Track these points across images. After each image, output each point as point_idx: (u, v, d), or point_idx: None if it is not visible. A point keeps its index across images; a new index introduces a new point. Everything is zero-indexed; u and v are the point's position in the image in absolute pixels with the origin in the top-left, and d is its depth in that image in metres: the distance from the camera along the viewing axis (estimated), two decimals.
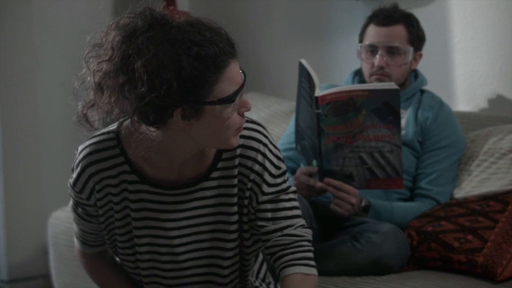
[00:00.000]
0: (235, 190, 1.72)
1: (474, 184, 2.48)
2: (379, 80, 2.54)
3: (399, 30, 2.56)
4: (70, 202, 1.81)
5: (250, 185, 1.71)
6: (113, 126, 1.71)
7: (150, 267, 1.79)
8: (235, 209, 1.73)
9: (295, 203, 1.76)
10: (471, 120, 2.73)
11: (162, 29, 1.53)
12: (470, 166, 2.54)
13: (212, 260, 1.78)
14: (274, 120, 3.09)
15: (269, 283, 2.00)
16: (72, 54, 3.48)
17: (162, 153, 1.64)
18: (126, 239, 1.78)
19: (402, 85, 2.58)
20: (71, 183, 1.75)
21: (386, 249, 2.22)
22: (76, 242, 1.91)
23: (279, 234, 1.72)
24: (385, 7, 2.62)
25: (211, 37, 1.53)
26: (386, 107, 2.24)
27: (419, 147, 2.55)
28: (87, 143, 1.72)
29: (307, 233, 1.75)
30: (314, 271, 1.72)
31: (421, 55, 2.65)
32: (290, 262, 1.70)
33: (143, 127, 1.58)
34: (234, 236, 1.75)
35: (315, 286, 1.72)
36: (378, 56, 2.55)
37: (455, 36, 2.97)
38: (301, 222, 1.75)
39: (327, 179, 2.31)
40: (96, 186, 1.72)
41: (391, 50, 2.55)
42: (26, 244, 3.60)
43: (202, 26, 1.54)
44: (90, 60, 1.57)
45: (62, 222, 2.90)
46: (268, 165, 1.71)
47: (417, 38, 2.60)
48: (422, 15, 2.69)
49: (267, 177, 1.71)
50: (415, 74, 2.67)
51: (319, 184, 2.33)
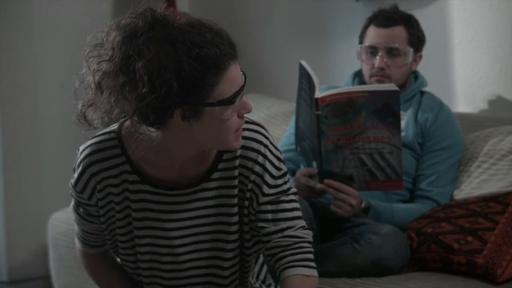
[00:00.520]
0: (236, 191, 1.72)
1: (474, 185, 2.48)
2: (379, 81, 2.54)
3: (399, 31, 2.56)
4: (71, 203, 1.81)
5: (250, 186, 1.71)
6: (114, 126, 1.71)
7: (151, 268, 1.79)
8: (236, 210, 1.73)
9: (296, 205, 1.76)
10: (471, 121, 2.72)
11: (163, 29, 1.52)
12: (470, 168, 2.53)
13: (212, 261, 1.78)
14: (274, 121, 3.09)
15: (269, 285, 1.99)
16: (72, 54, 3.48)
17: (163, 153, 1.64)
18: (127, 239, 1.78)
19: (402, 86, 2.58)
20: (73, 183, 1.75)
21: (386, 250, 2.22)
22: (77, 242, 1.91)
23: (280, 235, 1.72)
24: (385, 8, 2.62)
25: (212, 38, 1.53)
26: (386, 109, 2.24)
27: (419, 149, 2.55)
28: (88, 143, 1.71)
29: (308, 234, 1.75)
30: (314, 273, 1.72)
31: (421, 56, 2.65)
32: (290, 264, 1.70)
33: (143, 128, 1.58)
34: (235, 237, 1.75)
35: (315, 287, 1.73)
36: (378, 57, 2.55)
37: (455, 37, 2.97)
38: (301, 223, 1.75)
39: (327, 181, 2.31)
40: (97, 186, 1.72)
41: (391, 52, 2.55)
42: (26, 245, 3.60)
43: (203, 27, 1.54)
44: (91, 59, 1.57)
45: (62, 223, 2.89)
46: (268, 166, 1.71)
47: (417, 39, 2.60)
48: (422, 16, 2.69)
49: (268, 178, 1.71)
50: (415, 75, 2.67)
51: (319, 185, 2.33)
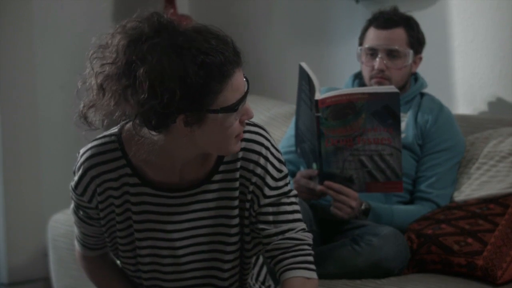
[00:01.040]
0: (237, 193, 1.72)
1: (474, 187, 2.48)
2: (379, 83, 2.54)
3: (399, 33, 2.56)
4: (71, 205, 1.81)
5: (252, 188, 1.71)
6: (114, 129, 1.71)
7: (151, 270, 1.79)
8: (236, 212, 1.73)
9: (296, 207, 1.76)
10: (471, 123, 2.72)
11: (168, 36, 1.52)
12: (470, 169, 2.53)
13: (212, 262, 1.78)
14: (274, 123, 3.09)
15: (269, 286, 1.99)
16: (72, 54, 3.49)
17: (164, 156, 1.64)
18: (127, 242, 1.77)
19: (402, 88, 2.58)
20: (73, 186, 1.75)
21: (386, 252, 2.22)
22: (77, 245, 1.91)
23: (280, 237, 1.72)
24: (385, 10, 2.61)
25: (217, 45, 1.53)
26: (386, 110, 2.24)
27: (419, 150, 2.55)
28: (89, 146, 1.71)
29: (308, 236, 1.75)
30: (314, 275, 1.72)
31: (421, 58, 2.65)
32: (290, 266, 1.70)
33: (145, 131, 1.58)
34: (235, 239, 1.75)
35: None
36: (378, 59, 2.55)
37: (455, 39, 2.97)
38: (302, 225, 1.75)
39: (327, 182, 2.31)
40: (97, 188, 1.72)
41: (391, 53, 2.55)
42: (26, 246, 3.60)
43: (209, 34, 1.54)
44: (94, 61, 1.57)
45: (62, 225, 2.90)
46: (270, 168, 1.71)
47: (417, 41, 2.60)
48: (422, 18, 2.69)
49: (269, 180, 1.71)
50: (415, 77, 2.67)
51: (319, 187, 2.33)
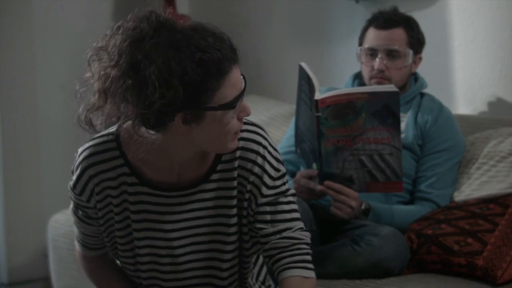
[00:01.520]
0: (235, 192, 1.72)
1: (474, 187, 2.48)
2: (379, 83, 2.54)
3: (399, 33, 2.56)
4: (71, 205, 1.81)
5: (249, 187, 1.71)
6: (112, 128, 1.71)
7: (150, 269, 1.79)
8: (234, 211, 1.73)
9: (294, 206, 1.76)
10: (471, 123, 2.72)
11: (167, 34, 1.53)
12: (470, 169, 2.53)
13: (211, 262, 1.78)
14: (274, 123, 3.09)
15: (269, 286, 1.99)
16: (72, 54, 3.49)
17: (162, 155, 1.64)
18: (126, 241, 1.78)
19: (402, 88, 2.58)
20: (71, 186, 1.75)
21: (386, 252, 2.22)
22: (76, 245, 1.91)
23: (278, 236, 1.72)
24: (384, 10, 2.62)
25: (214, 42, 1.53)
26: (386, 110, 2.24)
27: (419, 150, 2.55)
28: (87, 145, 1.71)
29: (306, 236, 1.75)
30: (312, 274, 1.72)
31: (421, 58, 2.65)
32: (288, 265, 1.70)
33: (143, 130, 1.58)
34: (233, 238, 1.75)
35: None
36: (378, 59, 2.55)
37: (455, 39, 2.97)
38: (299, 225, 1.75)
39: (327, 182, 2.31)
40: (95, 188, 1.72)
41: (391, 53, 2.55)
42: (26, 247, 3.60)
43: (206, 32, 1.54)
44: (94, 63, 1.57)
45: (62, 225, 2.90)
46: (267, 167, 1.71)
47: (417, 41, 2.60)
48: (421, 18, 2.69)
49: (267, 179, 1.71)
50: (415, 77, 2.67)
51: (319, 187, 2.32)
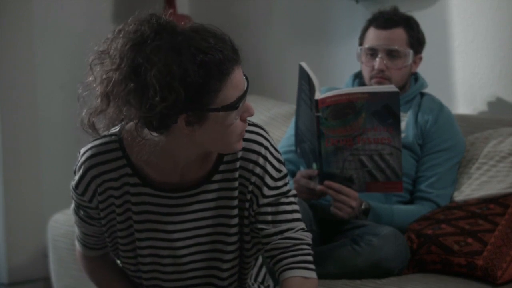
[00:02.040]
0: (236, 193, 1.72)
1: (474, 187, 2.48)
2: (379, 83, 2.54)
3: (399, 33, 2.56)
4: (72, 205, 1.81)
5: (251, 187, 1.72)
6: (115, 129, 1.71)
7: (152, 270, 1.79)
8: (236, 211, 1.73)
9: (296, 207, 1.76)
10: (471, 123, 2.72)
11: (168, 36, 1.53)
12: (470, 169, 2.53)
13: (212, 262, 1.78)
14: (274, 123, 3.09)
15: (267, 286, 1.99)
16: (72, 55, 3.49)
17: (165, 156, 1.64)
18: (127, 242, 1.78)
19: (402, 88, 2.58)
20: (73, 186, 1.75)
21: (386, 252, 2.22)
22: (77, 245, 1.91)
23: (279, 237, 1.72)
24: (385, 10, 2.61)
25: (216, 43, 1.53)
26: (386, 110, 2.24)
27: (419, 150, 2.55)
28: (89, 146, 1.71)
29: (307, 236, 1.75)
30: (313, 275, 1.72)
31: (421, 58, 2.65)
32: (289, 265, 1.70)
33: (146, 132, 1.58)
34: (234, 239, 1.75)
35: None
36: (378, 59, 2.54)
37: (455, 39, 2.97)
38: (301, 225, 1.75)
39: (327, 182, 2.31)
40: (98, 188, 1.72)
41: (391, 53, 2.55)
42: (26, 247, 3.60)
43: (207, 33, 1.54)
44: (96, 67, 1.57)
45: (62, 225, 2.90)
46: (269, 168, 1.71)
47: (417, 41, 2.60)
48: (422, 18, 2.69)
49: (268, 180, 1.71)
50: (415, 77, 2.67)
51: (319, 187, 2.32)
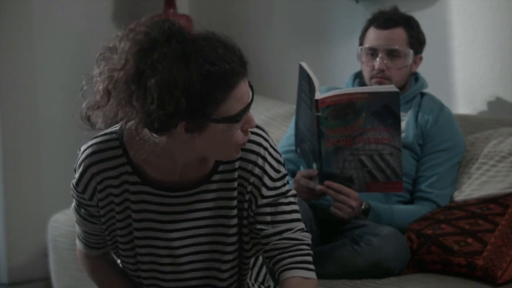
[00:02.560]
0: (235, 193, 1.72)
1: (474, 187, 2.48)
2: (380, 83, 2.54)
3: (399, 33, 2.56)
4: (73, 204, 1.81)
5: (249, 188, 1.71)
6: (116, 127, 1.71)
7: (150, 269, 1.79)
8: (235, 212, 1.73)
9: (295, 207, 1.75)
10: (471, 123, 2.72)
11: (177, 44, 1.52)
12: (470, 169, 2.53)
13: (211, 263, 1.77)
14: (274, 123, 3.09)
15: (268, 287, 1.99)
16: (72, 55, 3.48)
17: (164, 157, 1.64)
18: (127, 241, 1.77)
19: (403, 88, 2.58)
20: (74, 184, 1.75)
21: (386, 252, 2.22)
22: (78, 244, 1.90)
23: (278, 237, 1.72)
24: (385, 10, 2.61)
25: (224, 54, 1.53)
26: (386, 110, 2.24)
27: (419, 150, 2.55)
28: (90, 143, 1.71)
29: (306, 236, 1.75)
30: (313, 275, 1.72)
31: (421, 58, 2.65)
32: (289, 266, 1.70)
33: (146, 132, 1.58)
34: (234, 239, 1.75)
35: None
36: (378, 59, 2.54)
37: (455, 39, 2.97)
38: (300, 225, 1.75)
39: (327, 182, 2.31)
40: (98, 186, 1.72)
41: (391, 53, 2.55)
42: (26, 246, 3.59)
43: (217, 42, 1.54)
44: (101, 62, 1.57)
45: (62, 225, 2.90)
46: (268, 168, 1.71)
47: (417, 41, 2.60)
48: (422, 18, 2.69)
49: (267, 180, 1.71)
50: (415, 77, 2.67)
51: (319, 187, 2.32)
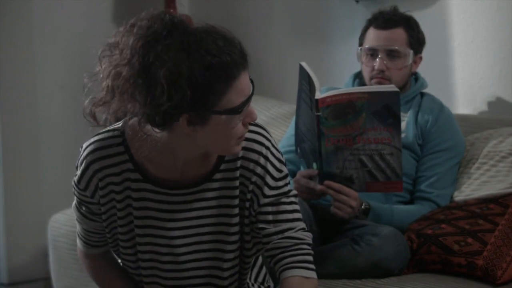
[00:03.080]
0: (237, 192, 1.72)
1: (474, 187, 2.48)
2: (380, 83, 2.54)
3: (399, 33, 2.56)
4: (74, 202, 1.81)
5: (251, 187, 1.72)
6: (118, 124, 1.71)
7: (151, 267, 1.79)
8: (236, 211, 1.74)
9: (296, 206, 1.76)
10: (471, 123, 2.72)
11: (180, 36, 1.53)
12: (470, 169, 2.53)
13: (212, 261, 1.78)
14: (274, 122, 3.09)
15: (268, 287, 1.99)
16: (72, 55, 3.49)
17: (166, 153, 1.65)
18: (128, 238, 1.78)
19: (402, 88, 2.58)
20: (75, 181, 1.74)
21: (386, 252, 2.22)
22: (78, 242, 1.90)
23: (280, 236, 1.72)
24: (385, 10, 2.61)
25: (225, 46, 1.54)
26: (386, 110, 2.24)
27: (419, 150, 2.55)
28: (92, 140, 1.72)
29: (307, 236, 1.75)
30: (313, 275, 1.72)
31: (421, 58, 2.65)
32: (289, 265, 1.71)
33: (148, 127, 1.58)
34: (235, 238, 1.76)
35: None
36: (378, 59, 2.54)
37: (455, 39, 2.97)
38: (301, 225, 1.75)
39: (327, 182, 2.31)
40: (99, 183, 1.72)
41: (391, 53, 2.55)
42: (26, 247, 3.60)
43: (217, 35, 1.55)
44: (104, 59, 1.57)
45: (62, 225, 2.90)
46: (270, 167, 1.71)
47: (417, 41, 2.60)
48: (422, 18, 2.69)
49: (269, 179, 1.72)
50: (415, 77, 2.67)
51: (319, 187, 2.32)
